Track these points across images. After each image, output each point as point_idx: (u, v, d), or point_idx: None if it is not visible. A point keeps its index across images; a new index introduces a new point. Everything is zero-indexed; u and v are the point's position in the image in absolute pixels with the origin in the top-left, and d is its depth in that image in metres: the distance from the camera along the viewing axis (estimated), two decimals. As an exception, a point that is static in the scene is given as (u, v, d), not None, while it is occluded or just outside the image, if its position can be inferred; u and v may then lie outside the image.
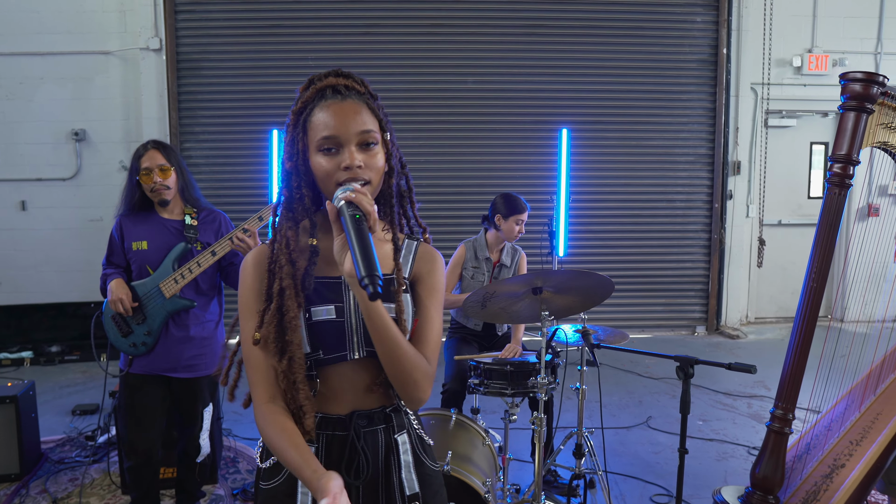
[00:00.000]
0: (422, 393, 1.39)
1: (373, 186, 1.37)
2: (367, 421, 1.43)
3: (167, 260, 2.85)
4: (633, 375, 5.67)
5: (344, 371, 1.41)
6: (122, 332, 2.87)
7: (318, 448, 1.40)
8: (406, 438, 1.48)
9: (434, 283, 1.50)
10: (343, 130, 1.34)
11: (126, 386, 2.94)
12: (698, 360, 2.27)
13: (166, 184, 2.84)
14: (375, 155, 1.37)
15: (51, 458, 3.95)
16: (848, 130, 2.79)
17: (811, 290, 2.88)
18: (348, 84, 1.39)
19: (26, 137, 6.84)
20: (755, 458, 3.98)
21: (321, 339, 1.39)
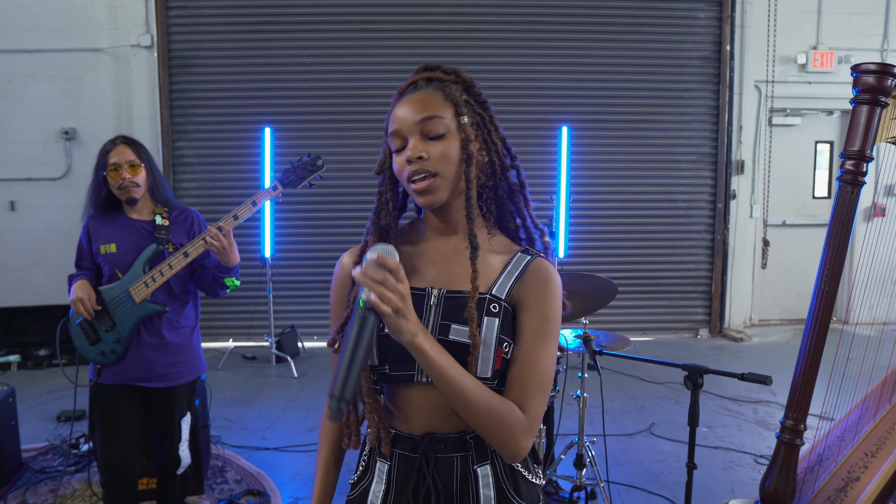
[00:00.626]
0: (516, 449, 1.22)
1: (445, 179, 1.25)
2: (443, 445, 1.28)
3: (137, 262, 2.67)
4: (635, 380, 5.53)
5: (414, 392, 1.28)
6: (89, 339, 2.68)
7: (390, 466, 1.31)
8: (489, 471, 1.30)
9: (545, 311, 1.26)
10: (404, 122, 1.25)
11: (96, 397, 2.77)
12: (708, 370, 2.12)
13: (135, 181, 2.67)
14: (444, 142, 1.24)
15: (31, 468, 3.81)
16: (861, 125, 2.64)
17: (823, 293, 2.74)
18: (430, 76, 1.31)
19: (15, 136, 6.70)
20: (763, 467, 3.87)
21: (389, 354, 1.25)
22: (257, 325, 6.51)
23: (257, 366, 6.00)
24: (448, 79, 1.30)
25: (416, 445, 1.28)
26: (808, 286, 7.87)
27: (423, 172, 1.23)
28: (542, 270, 1.29)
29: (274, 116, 6.44)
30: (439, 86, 1.28)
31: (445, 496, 1.27)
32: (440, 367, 1.15)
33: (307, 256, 6.75)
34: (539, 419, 1.24)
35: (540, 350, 1.25)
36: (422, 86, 1.29)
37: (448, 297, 1.26)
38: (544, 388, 1.25)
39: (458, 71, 1.33)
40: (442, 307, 1.25)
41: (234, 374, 5.71)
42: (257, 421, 4.62)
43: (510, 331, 1.25)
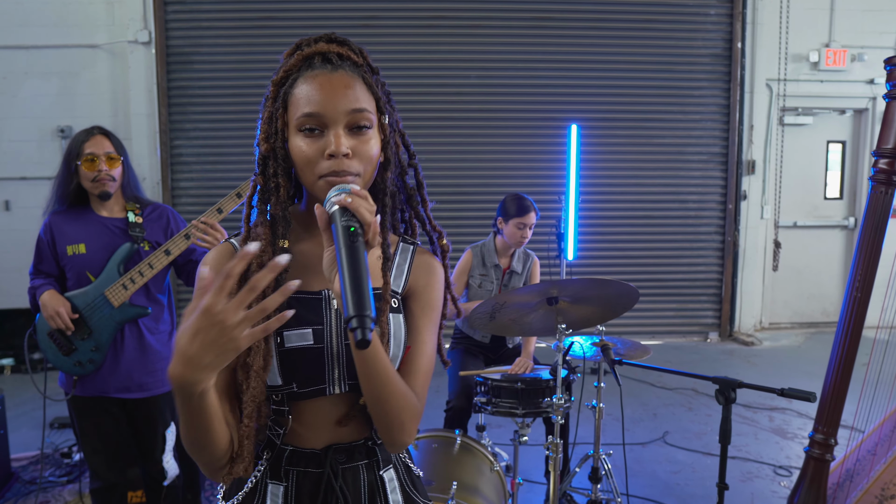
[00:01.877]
0: (407, 436, 1.16)
1: (363, 180, 1.13)
2: (347, 456, 1.20)
3: (111, 263, 2.48)
4: (646, 385, 5.38)
5: (321, 405, 1.18)
6: (63, 350, 2.49)
7: (287, 487, 1.18)
8: (393, 474, 1.26)
9: (431, 299, 1.24)
10: (329, 108, 1.09)
11: (75, 410, 2.60)
12: (742, 384, 1.97)
13: (112, 174, 2.49)
14: (368, 141, 1.12)
15: (21, 478, 3.66)
16: (894, 122, 2.51)
17: (854, 300, 2.59)
18: (342, 52, 1.14)
19: (10, 135, 6.55)
20: (783, 479, 3.72)
21: (295, 370, 1.14)
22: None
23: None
24: (362, 63, 1.16)
25: (320, 460, 1.19)
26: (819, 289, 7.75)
27: (345, 173, 1.08)
28: (428, 261, 1.26)
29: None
30: (357, 71, 1.14)
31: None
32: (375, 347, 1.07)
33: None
34: (423, 407, 1.19)
35: (428, 337, 1.22)
36: (337, 63, 1.12)
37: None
38: (429, 375, 1.22)
39: (365, 54, 1.19)
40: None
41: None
42: (257, 428, 4.46)
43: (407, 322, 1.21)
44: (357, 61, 1.16)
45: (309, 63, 1.13)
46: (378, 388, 1.09)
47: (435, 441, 2.69)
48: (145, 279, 2.47)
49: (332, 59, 1.12)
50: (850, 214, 7.24)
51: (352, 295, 0.90)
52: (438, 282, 1.25)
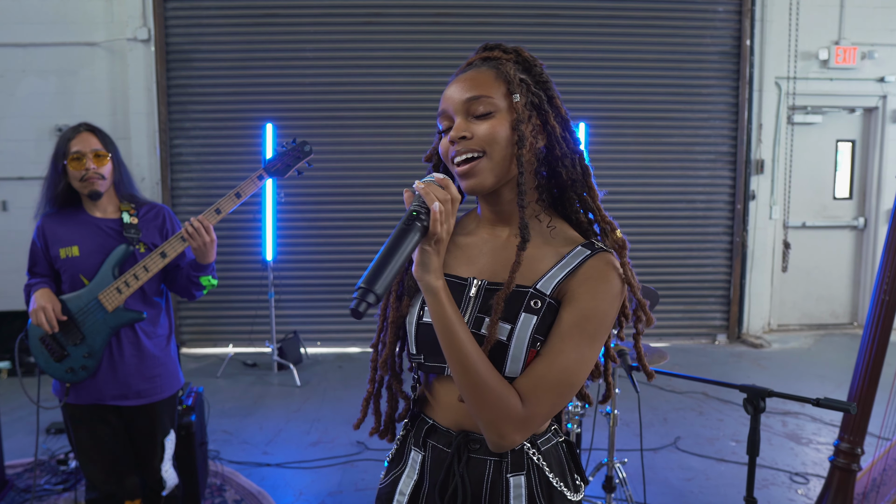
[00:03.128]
0: (502, 440, 1.14)
1: (492, 161, 1.18)
2: (479, 446, 1.23)
3: (105, 266, 2.37)
4: (655, 389, 5.27)
5: (444, 386, 1.26)
6: (54, 356, 2.37)
7: (424, 456, 1.29)
8: (522, 482, 1.22)
9: (584, 306, 1.15)
10: (451, 101, 1.20)
11: (69, 418, 2.49)
12: (772, 392, 1.86)
13: (100, 172, 2.39)
14: (488, 122, 1.17)
15: (16, 486, 3.56)
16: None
17: (882, 303, 2.49)
18: (488, 55, 1.24)
19: (7, 134, 6.45)
20: (799, 486, 3.61)
21: (425, 344, 1.24)
22: (258, 331, 6.25)
23: (258, 373, 5.75)
24: (506, 58, 1.23)
25: (451, 440, 1.24)
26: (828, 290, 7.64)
27: (466, 153, 1.17)
28: (601, 265, 1.18)
29: (276, 112, 6.18)
30: (494, 64, 1.21)
31: (473, 498, 1.22)
32: (447, 320, 1.11)
33: (310, 259, 6.49)
34: (539, 419, 1.15)
35: (568, 346, 1.14)
36: (477, 65, 1.23)
37: (489, 289, 1.20)
38: (558, 389, 1.14)
39: (518, 50, 1.26)
40: (481, 300, 1.20)
41: (234, 383, 5.45)
42: (258, 434, 4.36)
43: (548, 329, 1.16)
44: (502, 56, 1.23)
45: (458, 72, 1.26)
46: (461, 373, 1.12)
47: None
48: (140, 283, 2.36)
49: (475, 63, 1.24)
50: (860, 215, 7.13)
51: (370, 269, 1.00)
52: (605, 291, 1.16)
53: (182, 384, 2.68)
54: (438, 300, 1.12)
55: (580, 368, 1.14)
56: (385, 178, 6.34)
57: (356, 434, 4.26)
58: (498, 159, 1.17)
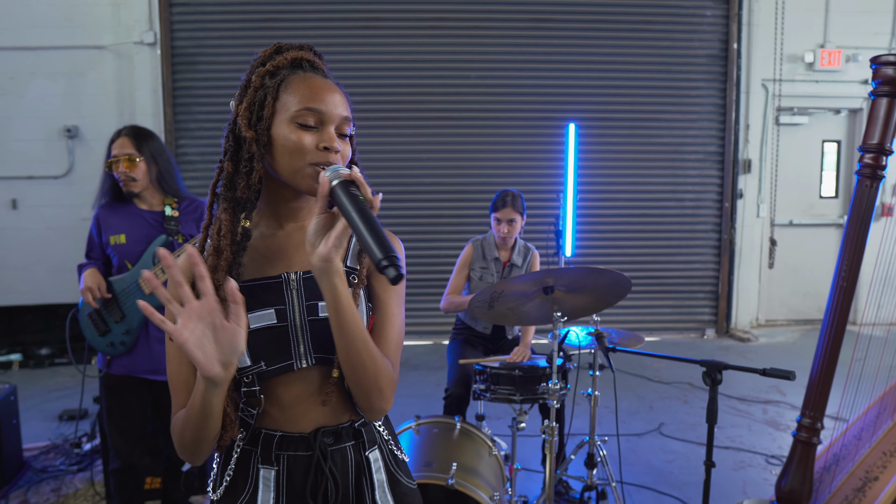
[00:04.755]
0: (385, 402, 1.24)
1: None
2: (334, 438, 1.26)
3: (147, 253, 2.67)
4: (643, 380, 5.48)
5: (292, 383, 1.23)
6: (99, 330, 2.69)
7: (278, 471, 1.25)
8: (378, 455, 1.33)
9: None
10: (330, 108, 1.21)
11: (105, 388, 2.77)
12: (728, 366, 2.07)
13: (131, 175, 2.65)
14: (348, 144, 1.26)
15: (33, 467, 3.76)
16: (880, 118, 2.61)
17: (840, 289, 2.69)
18: (322, 67, 1.29)
19: (17, 134, 6.65)
20: (775, 467, 3.82)
21: (261, 350, 1.20)
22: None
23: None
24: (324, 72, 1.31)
25: (309, 443, 1.25)
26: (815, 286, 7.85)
27: (328, 164, 1.19)
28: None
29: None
30: (337, 85, 1.27)
31: (343, 488, 1.26)
32: (348, 300, 1.13)
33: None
34: (398, 375, 1.27)
35: (396, 310, 1.28)
36: (323, 73, 1.27)
37: (306, 278, 1.24)
38: (400, 348, 1.29)
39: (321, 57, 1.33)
40: (304, 289, 1.23)
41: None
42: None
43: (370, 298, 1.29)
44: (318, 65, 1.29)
45: (298, 64, 1.24)
46: (356, 352, 1.16)
47: (435, 426, 2.78)
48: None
49: (320, 69, 1.27)
50: (846, 213, 7.31)
51: (376, 243, 1.02)
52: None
53: None
54: (342, 280, 1.12)
55: (403, 325, 1.31)
56: (385, 177, 6.54)
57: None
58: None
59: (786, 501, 2.68)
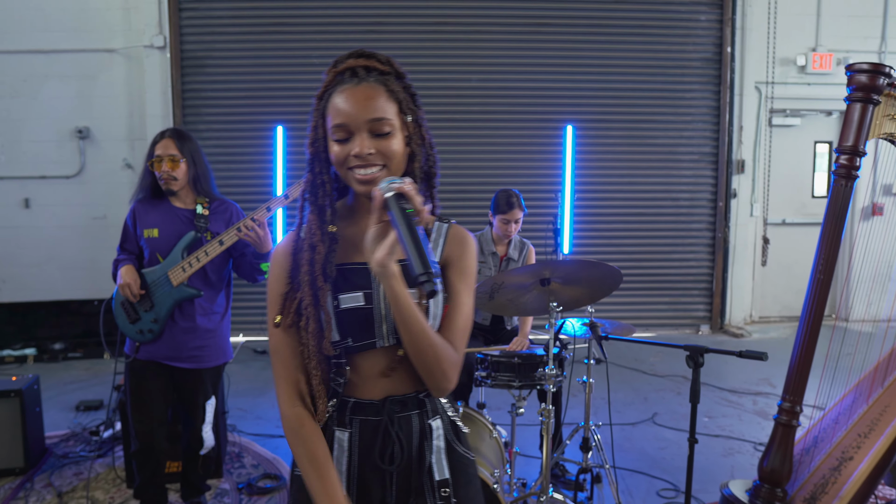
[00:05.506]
0: (448, 382, 1.35)
1: (389, 171, 1.33)
2: (401, 406, 1.40)
3: (176, 248, 2.85)
4: (639, 373, 5.66)
5: (374, 358, 1.39)
6: (130, 318, 2.88)
7: (351, 433, 1.40)
8: (440, 424, 1.45)
9: (465, 266, 1.44)
10: (353, 118, 1.30)
11: (131, 371, 2.95)
12: (708, 349, 2.27)
13: (174, 175, 2.83)
14: (389, 141, 1.32)
15: (55, 453, 3.94)
16: (854, 122, 2.79)
17: (818, 282, 2.88)
18: (368, 65, 1.34)
19: (30, 135, 6.84)
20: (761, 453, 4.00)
21: (350, 327, 1.37)
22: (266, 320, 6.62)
23: (268, 360, 6.11)
24: (387, 71, 1.36)
25: (378, 409, 1.39)
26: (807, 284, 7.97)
27: (370, 167, 1.30)
28: (461, 234, 1.47)
29: (285, 115, 6.57)
30: (380, 80, 1.33)
31: (408, 451, 1.40)
32: (405, 297, 1.25)
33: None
34: (462, 359, 1.38)
35: (463, 297, 1.41)
36: (362, 76, 1.32)
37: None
38: (466, 332, 1.41)
39: (391, 62, 1.40)
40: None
41: (245, 368, 5.84)
42: (271, 410, 4.75)
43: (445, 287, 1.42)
44: (382, 69, 1.35)
45: (340, 78, 1.33)
46: (415, 341, 1.29)
47: (439, 411, 2.96)
48: (201, 264, 2.81)
49: (359, 73, 1.32)
50: (837, 212, 7.50)
51: (417, 258, 1.13)
52: (471, 250, 1.46)
53: (230, 359, 3.11)
54: (398, 281, 1.24)
55: (471, 312, 1.43)
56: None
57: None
58: (394, 170, 1.33)
59: (767, 481, 2.86)
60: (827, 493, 2.77)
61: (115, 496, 3.45)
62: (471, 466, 1.49)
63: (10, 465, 3.64)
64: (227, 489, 3.54)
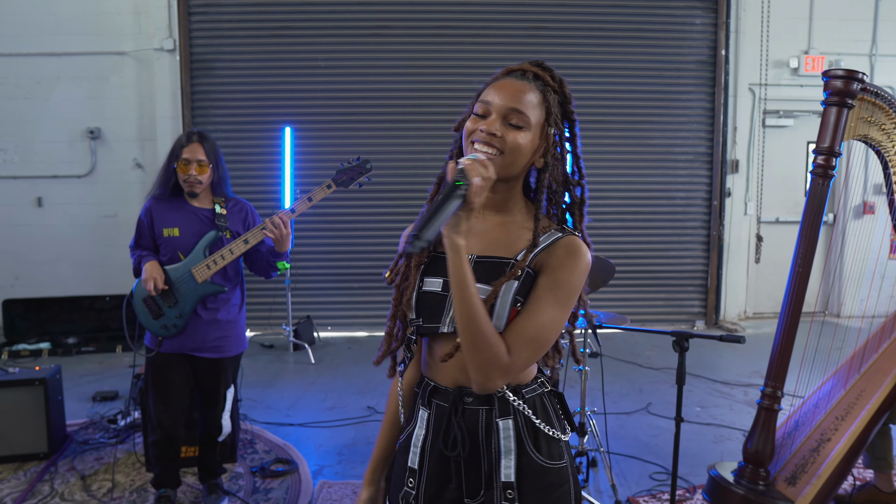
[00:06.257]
0: (486, 380, 1.32)
1: (504, 162, 1.36)
2: (474, 399, 1.41)
3: (199, 246, 2.99)
4: (634, 366, 5.85)
5: (440, 343, 1.43)
6: (153, 314, 2.99)
7: (430, 413, 1.47)
8: (510, 425, 1.41)
9: (558, 276, 1.36)
10: (497, 101, 1.37)
11: (154, 364, 3.08)
12: (692, 335, 2.46)
13: (200, 179, 2.98)
14: (518, 134, 1.36)
15: (76, 440, 4.13)
16: (830, 124, 3.01)
17: (797, 274, 3.09)
18: (538, 73, 1.42)
19: (43, 135, 7.02)
20: (748, 437, 4.19)
21: (424, 309, 1.43)
22: (275, 316, 6.83)
23: (275, 353, 6.33)
24: (552, 86, 1.43)
25: (448, 396, 1.43)
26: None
27: (488, 146, 1.35)
28: (570, 243, 1.39)
29: (293, 116, 6.76)
30: (543, 87, 1.40)
31: (471, 443, 1.41)
32: (462, 273, 1.26)
33: (324, 250, 7.09)
34: (518, 367, 1.34)
35: (544, 307, 1.34)
36: (529, 77, 1.40)
37: (478, 261, 1.40)
38: (535, 343, 1.34)
39: (563, 82, 1.46)
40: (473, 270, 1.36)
41: (254, 361, 6.02)
42: (280, 401, 4.94)
43: (527, 294, 1.36)
44: (549, 83, 1.42)
45: (508, 73, 1.43)
46: (464, 323, 1.28)
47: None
48: (226, 262, 2.98)
49: (527, 74, 1.41)
50: (829, 211, 7.69)
51: (420, 222, 1.17)
52: (574, 264, 1.37)
53: (246, 348, 3.28)
54: (460, 256, 1.25)
55: (552, 326, 1.34)
56: (393, 177, 6.87)
57: (367, 400, 4.86)
58: (508, 162, 1.36)
59: (752, 461, 3.05)
60: (806, 472, 2.96)
61: (136, 479, 3.64)
62: (546, 475, 1.42)
63: (34, 451, 3.83)
64: (242, 472, 3.73)
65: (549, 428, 1.44)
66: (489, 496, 1.42)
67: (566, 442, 1.47)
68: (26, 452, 3.82)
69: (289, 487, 3.57)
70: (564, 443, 1.47)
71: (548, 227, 1.43)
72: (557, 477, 1.43)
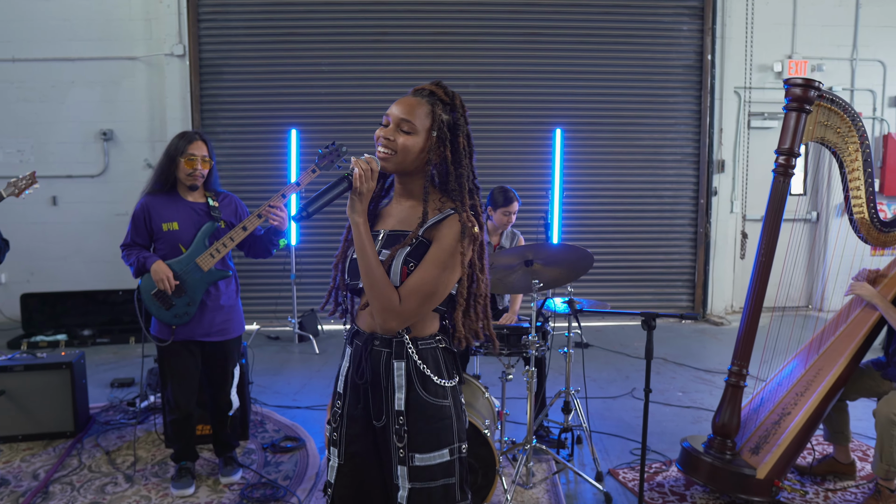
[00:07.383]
0: (383, 321, 1.72)
1: (397, 159, 1.75)
2: (380, 342, 1.78)
3: (199, 238, 3.24)
4: (622, 356, 6.15)
5: (361, 296, 1.83)
6: (164, 306, 3.23)
7: (352, 351, 1.86)
8: (402, 366, 1.76)
9: (441, 243, 1.71)
10: (393, 112, 1.76)
11: (167, 352, 3.33)
12: (658, 314, 2.75)
13: (203, 173, 3.26)
14: (407, 138, 1.73)
15: (98, 421, 4.43)
16: (790, 128, 3.32)
17: (760, 264, 3.41)
18: (433, 90, 1.80)
19: (57, 137, 7.33)
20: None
21: (351, 272, 1.83)
22: (280, 310, 7.13)
23: (281, 344, 6.64)
24: (443, 99, 1.79)
25: (363, 338, 1.81)
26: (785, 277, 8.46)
27: (386, 148, 1.75)
28: (451, 219, 1.73)
29: (298, 119, 7.06)
30: (432, 101, 1.77)
31: (373, 376, 1.79)
32: (361, 241, 1.68)
33: (328, 245, 7.38)
34: (409, 313, 1.71)
35: (429, 266, 1.71)
36: (424, 94, 1.78)
37: (390, 234, 1.81)
38: (422, 294, 1.71)
39: (455, 97, 1.82)
40: (383, 242, 1.80)
41: (261, 351, 6.33)
42: (287, 387, 5.25)
43: (419, 257, 1.72)
44: (440, 96, 1.78)
45: (413, 92, 1.81)
46: (365, 275, 1.70)
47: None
48: (228, 249, 3.27)
49: (423, 92, 1.79)
50: (813, 209, 8.00)
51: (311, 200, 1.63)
52: (452, 232, 1.71)
53: (244, 329, 3.57)
54: (359, 230, 1.68)
55: (435, 281, 1.70)
56: (390, 176, 7.17)
57: (369, 386, 5.15)
58: (401, 160, 1.75)
59: (719, 433, 3.36)
60: (768, 442, 3.27)
61: (156, 454, 3.94)
62: (429, 409, 1.76)
63: (62, 429, 4.13)
64: (254, 448, 4.03)
65: (435, 375, 1.78)
66: (387, 421, 1.78)
67: (452, 388, 1.81)
68: (54, 431, 4.12)
69: (297, 461, 3.87)
70: (450, 388, 1.80)
71: (443, 207, 1.76)
72: (439, 412, 1.77)
